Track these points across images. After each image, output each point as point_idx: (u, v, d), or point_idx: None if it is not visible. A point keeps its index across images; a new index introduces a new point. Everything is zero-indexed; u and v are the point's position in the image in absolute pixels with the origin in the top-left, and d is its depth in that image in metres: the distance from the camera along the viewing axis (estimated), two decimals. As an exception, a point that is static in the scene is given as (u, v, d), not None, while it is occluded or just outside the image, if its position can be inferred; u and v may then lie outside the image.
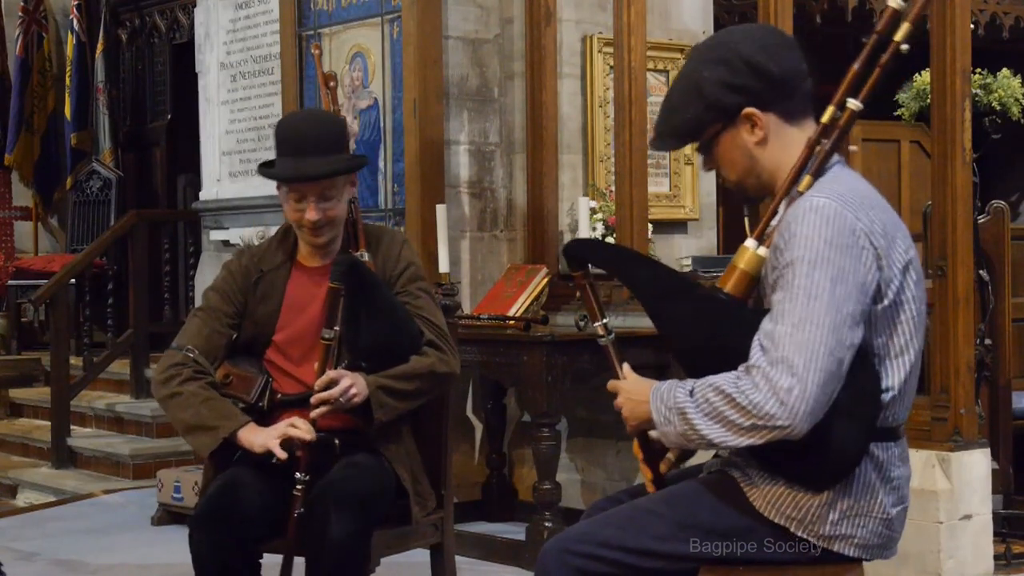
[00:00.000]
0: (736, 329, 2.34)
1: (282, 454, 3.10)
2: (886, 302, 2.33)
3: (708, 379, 2.32)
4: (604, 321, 2.60)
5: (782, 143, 2.44)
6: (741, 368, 2.29)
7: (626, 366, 2.57)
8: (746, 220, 2.57)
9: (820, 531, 2.37)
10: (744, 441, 2.28)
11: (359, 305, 3.17)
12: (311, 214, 3.25)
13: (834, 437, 2.28)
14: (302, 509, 3.12)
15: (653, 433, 2.56)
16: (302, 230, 3.32)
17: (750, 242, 2.42)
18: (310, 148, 3.24)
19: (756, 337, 2.29)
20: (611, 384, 2.56)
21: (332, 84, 3.87)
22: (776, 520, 2.38)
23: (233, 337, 3.35)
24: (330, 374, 3.15)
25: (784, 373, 2.22)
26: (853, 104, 2.39)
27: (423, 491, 3.37)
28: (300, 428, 3.13)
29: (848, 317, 2.26)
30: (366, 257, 3.34)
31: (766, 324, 2.29)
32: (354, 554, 3.05)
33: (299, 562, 3.20)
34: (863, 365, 2.31)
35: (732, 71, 2.41)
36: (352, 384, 3.16)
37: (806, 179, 2.38)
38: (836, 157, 2.43)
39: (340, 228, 3.37)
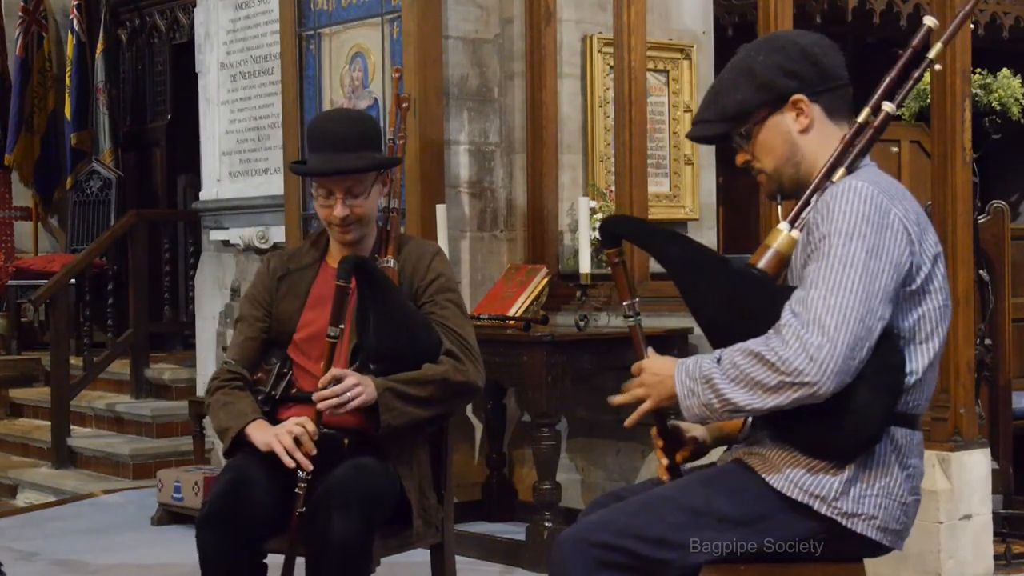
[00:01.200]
0: (767, 302, 2.39)
1: (289, 463, 3.10)
2: (915, 286, 2.41)
3: (737, 345, 2.37)
4: (633, 301, 2.62)
5: (822, 136, 2.51)
6: (771, 330, 2.33)
7: (650, 349, 2.59)
8: (779, 207, 2.62)
9: (843, 508, 2.39)
10: (770, 402, 2.31)
11: (368, 306, 3.17)
12: (338, 210, 3.27)
13: (857, 404, 2.32)
14: (303, 508, 3.12)
15: (676, 422, 2.59)
16: (332, 228, 3.34)
17: (783, 224, 2.48)
18: (338, 144, 3.26)
19: (787, 304, 2.34)
20: (636, 365, 2.57)
21: (405, 106, 3.86)
22: (798, 498, 2.39)
23: (266, 340, 3.41)
24: (334, 372, 3.15)
25: (815, 332, 2.27)
26: (888, 107, 2.48)
27: (429, 506, 3.35)
28: (306, 430, 3.14)
29: (881, 290, 2.32)
30: (391, 264, 3.34)
31: (798, 292, 2.35)
32: (356, 555, 3.04)
33: (300, 562, 3.20)
34: (889, 341, 2.36)
35: (787, 57, 2.50)
36: (357, 384, 3.14)
37: (840, 172, 2.46)
38: (867, 159, 2.51)
39: (370, 229, 3.37)
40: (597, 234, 5.44)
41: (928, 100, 4.59)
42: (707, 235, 6.11)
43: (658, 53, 5.82)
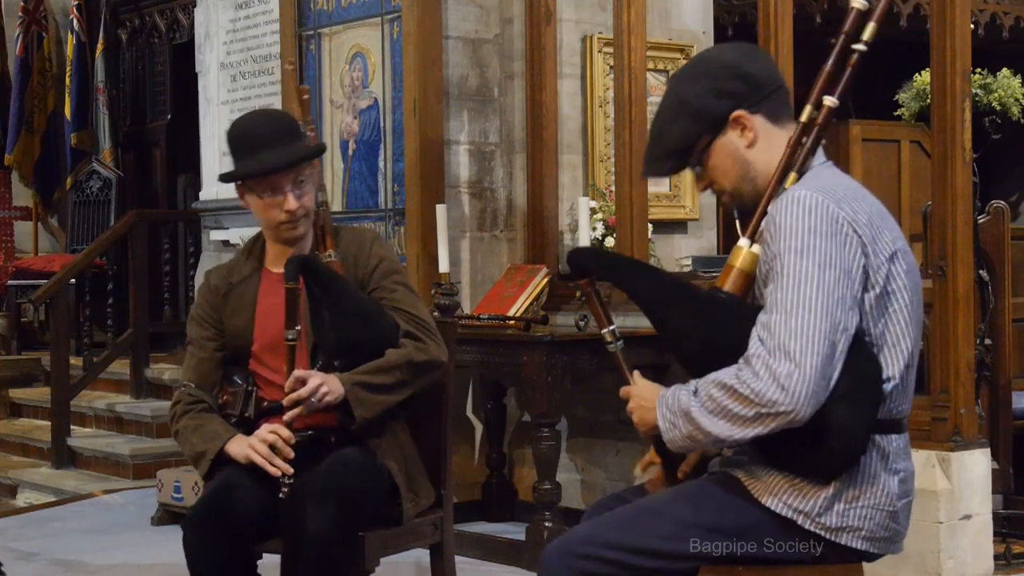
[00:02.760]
0: (738, 327, 2.37)
1: (273, 471, 3.10)
2: (876, 290, 2.37)
3: (710, 376, 2.35)
4: (612, 328, 2.62)
5: (770, 144, 2.49)
6: (741, 360, 2.32)
7: (636, 372, 2.59)
8: (737, 222, 2.59)
9: (827, 523, 2.38)
10: (750, 432, 2.30)
11: (321, 304, 3.16)
12: (290, 203, 3.23)
13: (838, 423, 2.30)
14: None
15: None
16: (280, 227, 3.28)
17: (743, 241, 2.47)
18: (273, 141, 3.22)
19: (754, 330, 2.33)
20: (623, 391, 2.58)
21: (306, 97, 3.83)
22: (783, 513, 2.38)
23: (221, 356, 3.37)
24: (296, 374, 3.13)
25: (782, 359, 2.26)
26: (829, 101, 2.45)
27: (418, 488, 3.35)
28: (280, 436, 3.13)
29: (839, 301, 2.29)
30: (333, 257, 3.33)
31: (761, 316, 2.33)
32: (333, 550, 3.02)
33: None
34: (861, 352, 2.34)
35: (715, 78, 2.48)
36: (322, 383, 3.14)
37: (791, 177, 2.44)
38: (820, 156, 2.49)
39: (311, 225, 3.35)
40: (597, 234, 5.46)
41: (928, 100, 4.59)
42: (707, 235, 6.11)
43: (658, 53, 5.81)
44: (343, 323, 3.18)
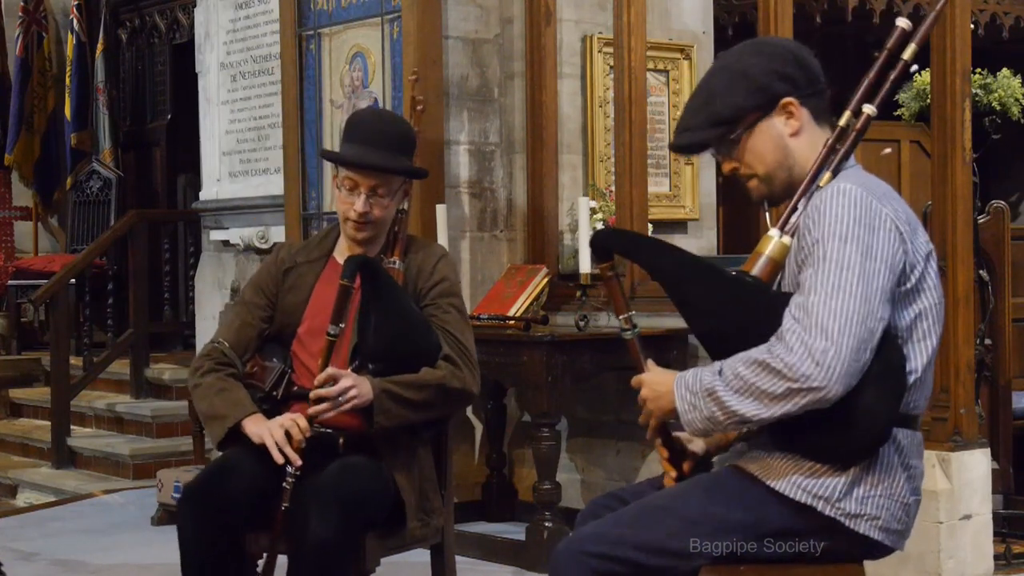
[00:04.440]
0: (764, 310, 2.38)
1: (279, 458, 3.10)
2: (909, 285, 2.40)
3: (737, 356, 2.36)
4: (629, 314, 2.61)
5: (811, 139, 2.51)
6: (773, 338, 2.32)
7: (650, 361, 2.57)
8: (766, 215, 2.60)
9: (846, 508, 2.39)
10: (777, 411, 2.30)
11: (371, 306, 3.16)
12: (359, 205, 3.26)
13: (865, 406, 2.32)
14: (287, 504, 3.12)
15: (677, 433, 2.58)
16: (347, 223, 3.33)
17: (773, 231, 2.48)
18: (378, 141, 3.26)
19: (787, 310, 2.34)
20: (635, 379, 2.56)
21: (420, 108, 3.86)
22: (799, 499, 2.39)
23: (265, 329, 3.39)
24: (329, 372, 3.14)
25: (819, 336, 2.27)
26: (868, 109, 2.48)
27: (431, 508, 3.33)
28: (298, 426, 3.13)
29: (879, 291, 2.32)
30: (397, 265, 3.33)
31: (796, 298, 2.35)
32: (334, 556, 3.01)
33: (286, 561, 3.20)
34: (889, 342, 2.36)
35: (780, 60, 2.50)
36: (353, 385, 3.14)
37: (826, 176, 2.46)
38: (852, 160, 2.52)
39: (383, 231, 3.37)
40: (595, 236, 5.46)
41: (928, 100, 4.59)
42: (707, 235, 6.11)
43: (658, 53, 5.81)
44: (387, 331, 3.18)
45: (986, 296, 5.05)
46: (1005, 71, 5.32)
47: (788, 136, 2.50)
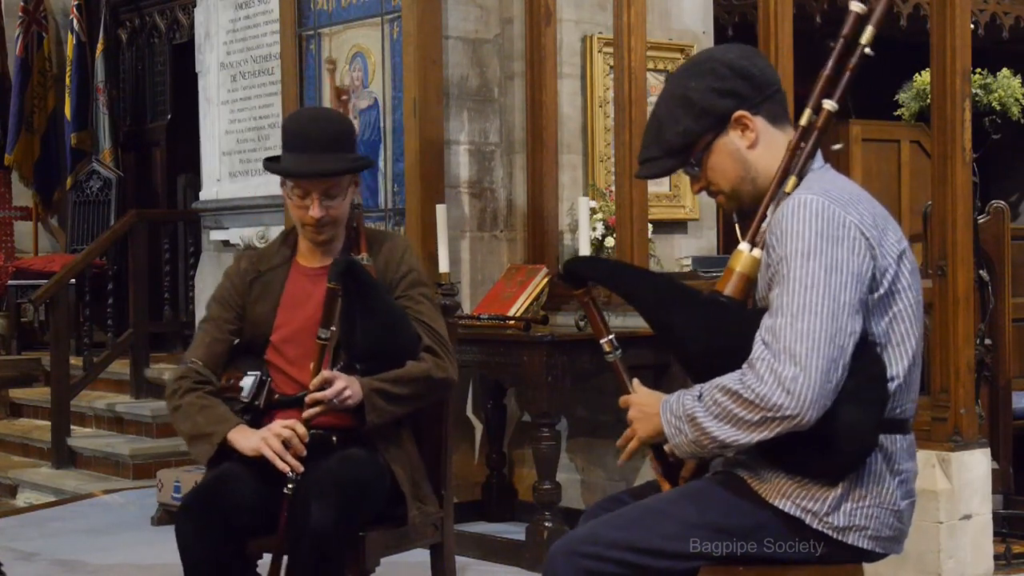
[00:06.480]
0: (740, 330, 2.36)
1: (283, 467, 3.10)
2: (882, 290, 2.36)
3: (715, 381, 2.34)
4: (610, 337, 2.62)
5: (770, 146, 2.49)
6: (745, 365, 2.31)
7: (636, 381, 2.58)
8: (736, 226, 2.58)
9: (835, 522, 2.38)
10: (755, 437, 2.29)
11: (355, 307, 3.17)
12: (315, 211, 3.26)
13: (846, 423, 2.30)
14: (288, 512, 3.12)
15: (667, 446, 2.58)
16: (304, 228, 3.34)
17: (743, 245, 2.46)
18: (317, 145, 3.26)
19: (758, 333, 2.31)
20: (623, 399, 2.57)
21: (344, 97, 3.86)
22: (791, 512, 2.38)
23: (235, 342, 3.38)
24: (324, 375, 3.15)
25: (787, 363, 2.24)
26: (829, 105, 2.44)
27: (423, 495, 3.35)
28: (297, 434, 3.13)
29: (846, 305, 2.28)
30: (367, 261, 3.34)
31: (766, 320, 2.32)
32: (332, 543, 3.02)
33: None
34: (866, 352, 2.33)
35: (718, 77, 2.47)
36: (347, 386, 3.16)
37: (791, 181, 2.43)
38: (819, 159, 2.48)
39: (341, 228, 3.38)
40: (597, 234, 5.46)
41: (928, 100, 4.59)
42: (707, 235, 6.11)
43: (658, 53, 5.81)
44: (373, 330, 3.20)
45: (986, 296, 5.06)
46: (1005, 71, 5.33)
47: (746, 149, 2.48)
